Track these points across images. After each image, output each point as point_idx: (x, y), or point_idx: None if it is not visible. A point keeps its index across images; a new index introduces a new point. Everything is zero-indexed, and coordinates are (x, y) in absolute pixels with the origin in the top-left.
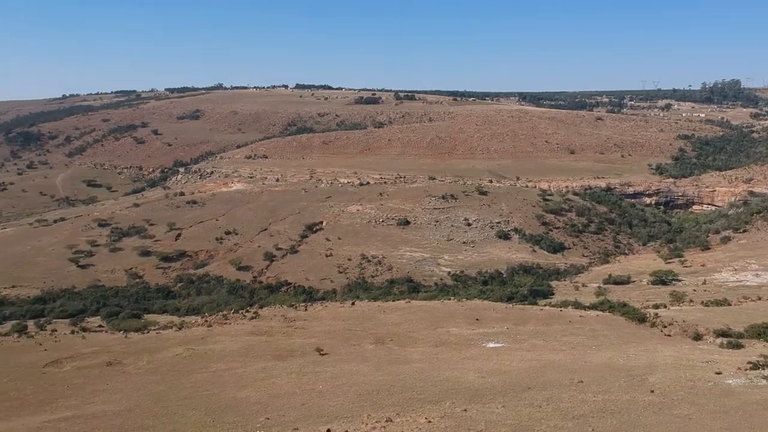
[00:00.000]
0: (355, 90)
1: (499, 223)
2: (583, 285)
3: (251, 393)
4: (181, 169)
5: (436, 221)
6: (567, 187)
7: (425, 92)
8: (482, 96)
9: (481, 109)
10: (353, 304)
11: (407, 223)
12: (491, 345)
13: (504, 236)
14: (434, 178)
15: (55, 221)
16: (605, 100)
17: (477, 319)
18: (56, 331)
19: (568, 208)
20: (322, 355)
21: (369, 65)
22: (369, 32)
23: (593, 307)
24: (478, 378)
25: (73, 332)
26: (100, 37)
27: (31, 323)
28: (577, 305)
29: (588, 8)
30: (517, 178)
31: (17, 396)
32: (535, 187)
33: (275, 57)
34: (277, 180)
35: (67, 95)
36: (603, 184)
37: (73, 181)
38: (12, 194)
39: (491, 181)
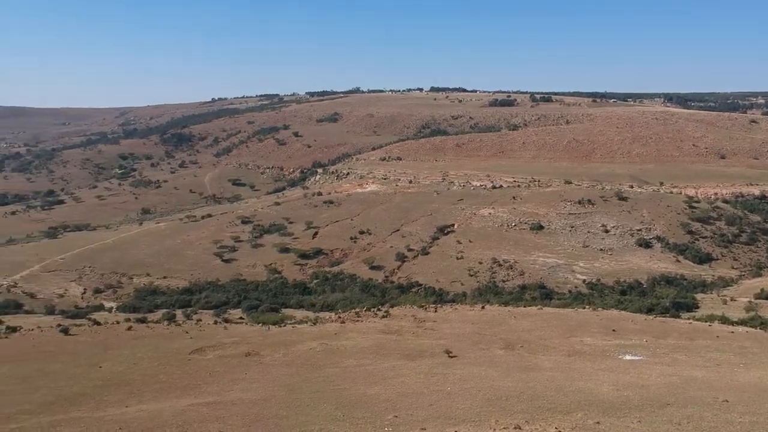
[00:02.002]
0: (489, 92)
1: (639, 230)
2: (732, 299)
3: (381, 390)
4: (319, 170)
5: (572, 227)
6: (716, 194)
7: (563, 94)
8: (624, 97)
9: (622, 111)
10: (483, 307)
11: (541, 227)
12: (628, 357)
13: (645, 244)
14: (570, 182)
15: (203, 217)
16: (761, 101)
17: (613, 330)
18: (201, 320)
19: (717, 217)
20: (451, 357)
21: (505, 67)
22: (505, 32)
23: (742, 322)
24: (612, 391)
25: (216, 322)
26: (246, 43)
27: (179, 312)
28: (724, 320)
29: (742, 5)
30: (661, 184)
31: (166, 379)
32: (681, 193)
33: (411, 60)
34: (410, 182)
35: (216, 99)
36: (757, 191)
37: (220, 179)
38: (165, 191)
39: (632, 186)
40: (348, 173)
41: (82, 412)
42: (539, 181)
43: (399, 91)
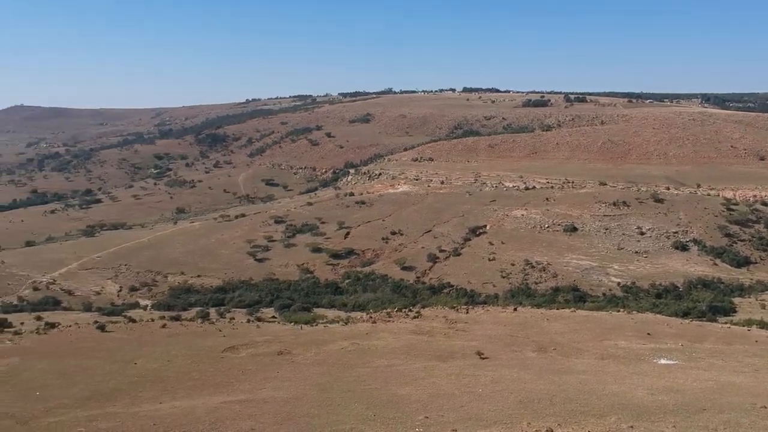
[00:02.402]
0: (523, 93)
1: (675, 232)
2: None
3: (411, 391)
4: (351, 171)
5: (606, 229)
6: (755, 196)
7: (598, 94)
8: (660, 98)
9: (658, 112)
10: (515, 309)
11: (574, 229)
12: (663, 361)
13: (681, 247)
14: (605, 184)
15: (237, 217)
16: None
17: (648, 334)
18: (234, 319)
19: (756, 219)
20: (483, 359)
21: (539, 67)
22: (538, 32)
23: None
24: (647, 395)
25: (248, 321)
26: (281, 43)
27: (212, 311)
28: (763, 324)
29: None
30: (698, 186)
31: (199, 377)
32: (718, 195)
33: (444, 61)
34: (442, 182)
35: (250, 100)
36: None
37: (253, 179)
38: (200, 191)
39: (668, 188)
40: (380, 174)
41: (118, 407)
42: (573, 182)
43: (431, 91)
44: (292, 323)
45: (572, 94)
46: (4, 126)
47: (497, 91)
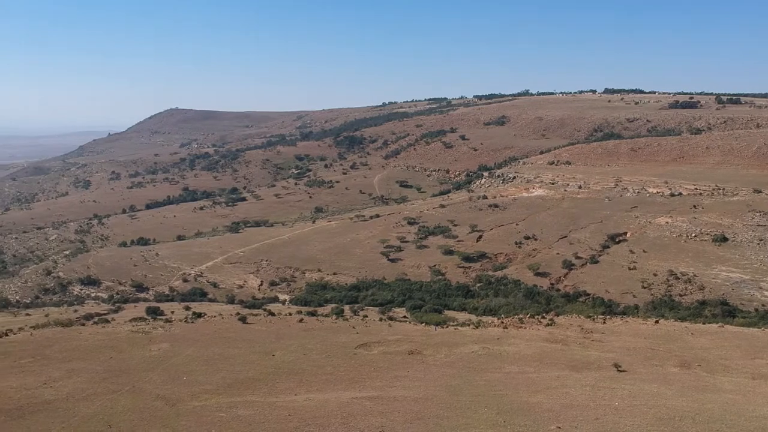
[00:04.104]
0: (669, 94)
1: None
2: None
3: (543, 399)
4: (485, 174)
5: (761, 240)
6: None
7: (753, 95)
8: None
9: None
10: (657, 322)
11: (725, 239)
12: None
13: None
14: (760, 192)
15: (371, 217)
16: None
17: None
18: (367, 317)
19: None
20: (620, 371)
21: (688, 66)
22: (686, 31)
23: None
24: None
25: (380, 320)
26: (418, 44)
27: (347, 308)
28: None
29: None
30: None
31: (332, 371)
32: None
33: (584, 61)
34: (580, 187)
35: (386, 103)
36: None
37: (388, 181)
38: (337, 191)
39: None
40: (514, 177)
41: (256, 396)
42: (724, 189)
43: (570, 93)
44: (423, 324)
45: (724, 95)
46: (162, 128)
47: (641, 92)
